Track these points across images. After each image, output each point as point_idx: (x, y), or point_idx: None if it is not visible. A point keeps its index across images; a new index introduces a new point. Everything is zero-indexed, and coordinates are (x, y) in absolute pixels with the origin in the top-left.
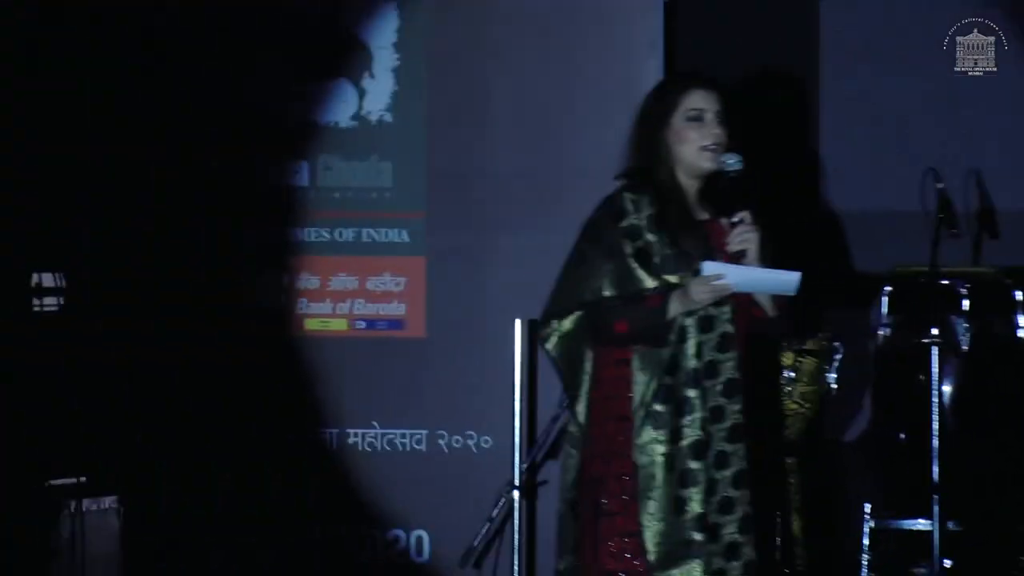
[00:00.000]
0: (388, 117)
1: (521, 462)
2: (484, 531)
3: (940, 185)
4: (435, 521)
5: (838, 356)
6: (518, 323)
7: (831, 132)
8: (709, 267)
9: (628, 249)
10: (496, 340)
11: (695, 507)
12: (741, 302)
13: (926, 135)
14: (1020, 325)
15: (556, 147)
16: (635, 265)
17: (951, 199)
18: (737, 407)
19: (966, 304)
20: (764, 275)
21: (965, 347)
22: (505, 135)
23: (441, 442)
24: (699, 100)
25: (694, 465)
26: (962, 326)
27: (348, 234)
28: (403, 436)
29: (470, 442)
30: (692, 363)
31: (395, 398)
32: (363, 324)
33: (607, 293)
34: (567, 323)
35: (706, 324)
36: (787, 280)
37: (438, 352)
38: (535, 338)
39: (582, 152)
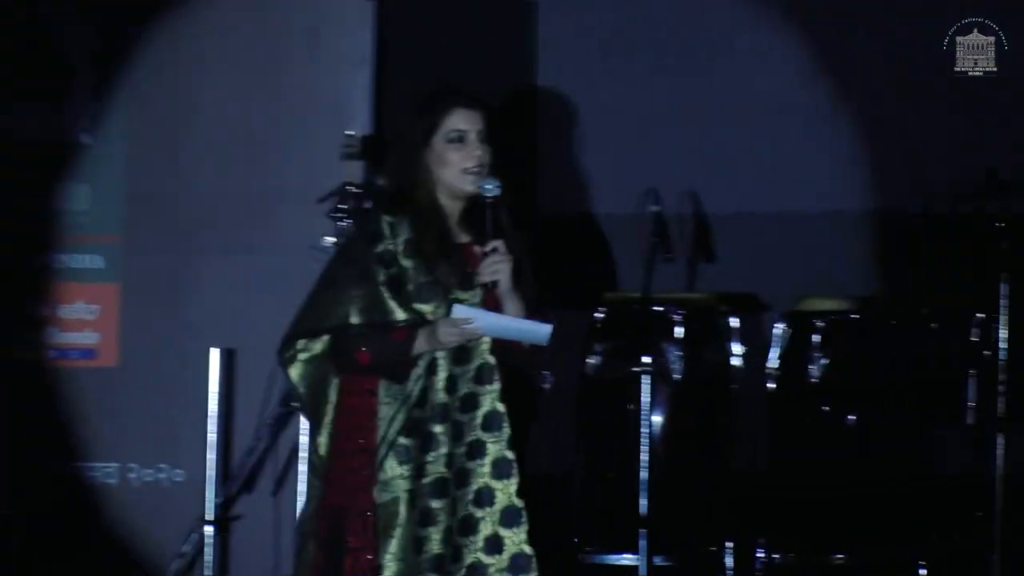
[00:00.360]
0: (85, 137)
1: (215, 496)
2: (175, 568)
3: (656, 208)
4: (126, 558)
5: (546, 385)
6: (214, 352)
7: (550, 144)
8: (459, 310)
9: (381, 276)
10: (191, 369)
11: (434, 547)
12: None
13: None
14: (734, 353)
15: (261, 167)
16: (386, 294)
17: (667, 222)
18: (500, 441)
19: (679, 331)
20: (515, 324)
21: (677, 376)
22: (208, 154)
23: (132, 475)
24: (461, 120)
25: (435, 504)
26: (674, 354)
27: (40, 260)
28: (92, 470)
29: (162, 475)
30: (441, 397)
31: (86, 430)
32: (56, 353)
33: (353, 320)
34: (315, 346)
35: (461, 356)
36: (539, 331)
37: (131, 382)
38: (231, 367)
39: (288, 172)
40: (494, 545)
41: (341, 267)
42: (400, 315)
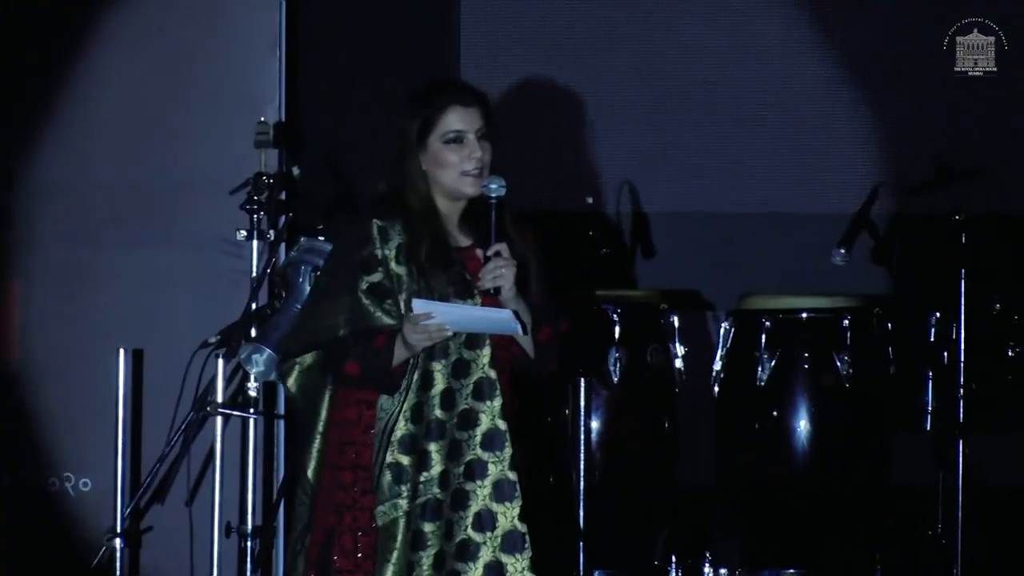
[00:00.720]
0: None
1: (124, 506)
2: None
3: (590, 200)
4: (30, 573)
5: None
6: (121, 352)
7: None
8: (417, 305)
9: (362, 284)
10: (97, 371)
11: (424, 573)
12: (502, 342)
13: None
14: (677, 354)
15: (167, 156)
16: (367, 302)
17: (605, 217)
18: (501, 462)
19: (619, 331)
20: (479, 313)
21: (616, 378)
22: (111, 143)
23: (36, 484)
24: (458, 120)
25: (427, 527)
26: (613, 355)
27: None
28: None
29: (67, 484)
30: (436, 413)
31: None
32: None
33: (343, 332)
34: (308, 357)
35: (459, 370)
36: (502, 319)
37: (31, 385)
38: (139, 368)
39: (196, 162)
40: (495, 573)
41: (329, 277)
42: (385, 321)
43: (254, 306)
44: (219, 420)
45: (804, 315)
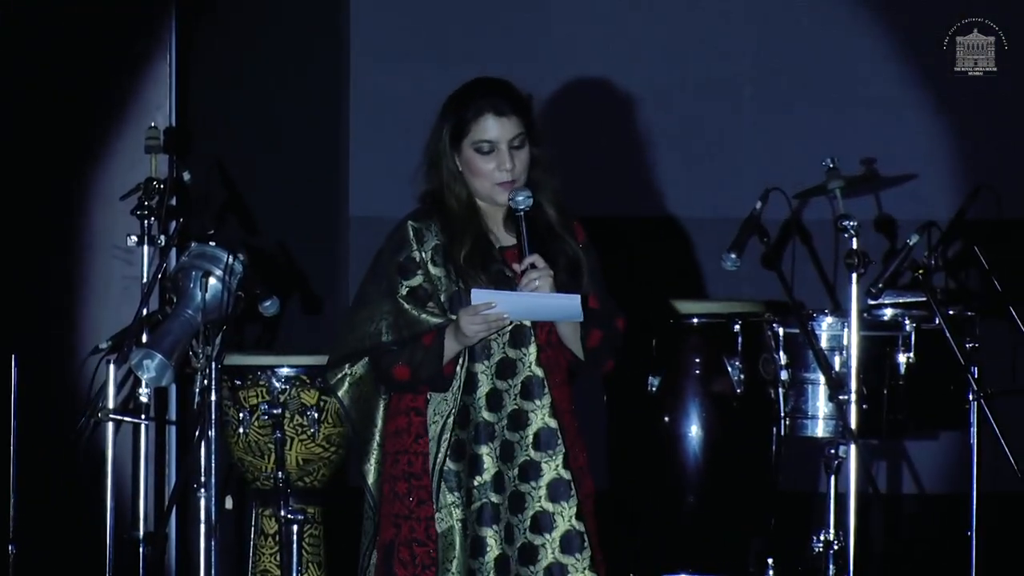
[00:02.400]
0: None
1: (16, 513)
2: None
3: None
4: None
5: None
6: (13, 359)
7: (365, 142)
8: (477, 295)
9: (402, 289)
10: None
11: None
12: (550, 341)
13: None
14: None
15: (60, 162)
16: (408, 307)
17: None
18: (554, 460)
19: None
20: (542, 300)
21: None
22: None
23: None
24: (491, 129)
25: (485, 532)
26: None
27: None
28: None
29: None
30: (484, 415)
31: None
32: None
33: (386, 338)
34: (358, 369)
35: (504, 369)
36: (568, 304)
37: None
38: (27, 375)
39: (89, 167)
40: (558, 575)
41: (370, 284)
42: (431, 322)
43: (145, 312)
44: (110, 426)
45: (695, 320)
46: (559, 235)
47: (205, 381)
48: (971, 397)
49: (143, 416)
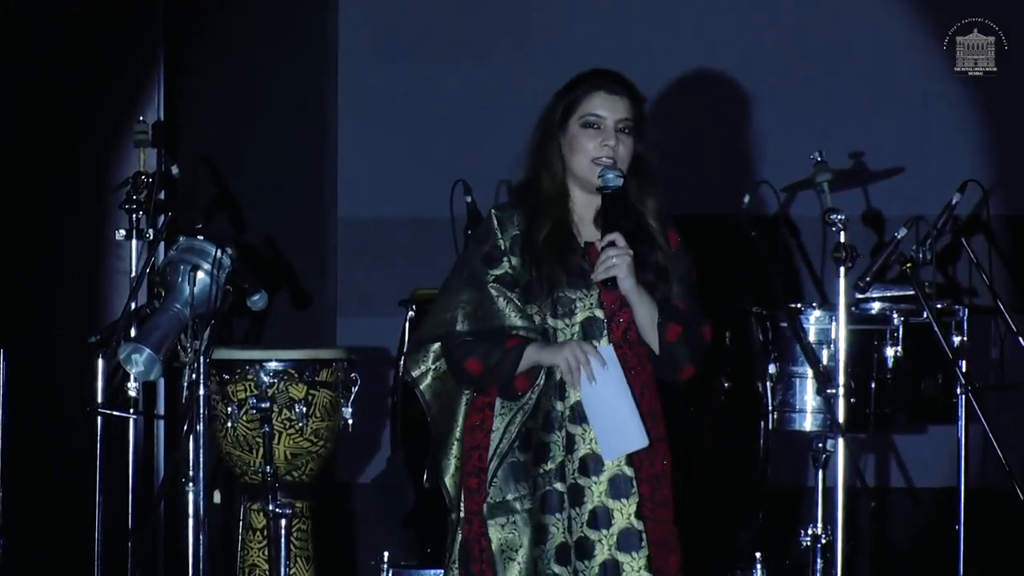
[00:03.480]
0: None
1: (3, 506)
2: None
3: (468, 200)
4: None
5: (355, 388)
6: (1, 352)
7: (352, 141)
8: (606, 351)
9: (488, 277)
10: None
11: (552, 569)
12: (627, 339)
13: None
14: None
15: (51, 156)
16: (495, 294)
17: (481, 212)
18: (619, 457)
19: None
20: (618, 408)
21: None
22: None
23: None
24: (600, 105)
25: (549, 520)
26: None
27: None
28: None
29: None
30: (554, 404)
31: None
32: None
33: (460, 328)
34: (443, 363)
35: None
36: (628, 432)
37: None
38: (16, 369)
39: (76, 160)
40: (612, 572)
41: (454, 272)
42: (513, 320)
43: (133, 306)
44: (99, 420)
45: None
46: (652, 238)
47: (193, 375)
48: (959, 391)
49: (131, 410)
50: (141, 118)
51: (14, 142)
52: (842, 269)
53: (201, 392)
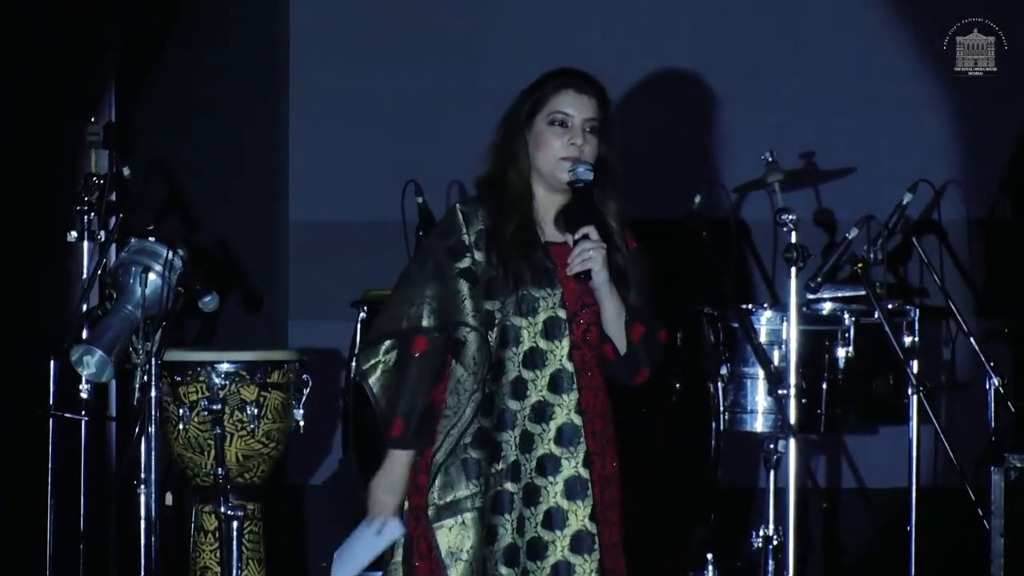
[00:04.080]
0: None
1: None
2: None
3: (420, 200)
4: None
5: (307, 390)
6: None
7: (305, 142)
8: (394, 529)
9: (453, 270)
10: None
11: (500, 571)
12: (588, 341)
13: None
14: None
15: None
16: (459, 289)
17: (432, 213)
18: (575, 457)
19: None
20: (356, 557)
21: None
22: None
23: None
24: (567, 103)
25: (498, 520)
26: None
27: None
28: None
29: None
30: (508, 403)
31: None
32: None
33: (426, 323)
34: (393, 355)
35: (533, 359)
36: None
37: None
38: None
39: (30, 163)
40: (564, 573)
41: (415, 266)
42: (468, 318)
43: (85, 307)
44: (51, 422)
45: None
46: (612, 240)
47: (145, 377)
48: (911, 391)
49: (83, 412)
50: (92, 119)
51: None
52: (793, 269)
53: (153, 394)
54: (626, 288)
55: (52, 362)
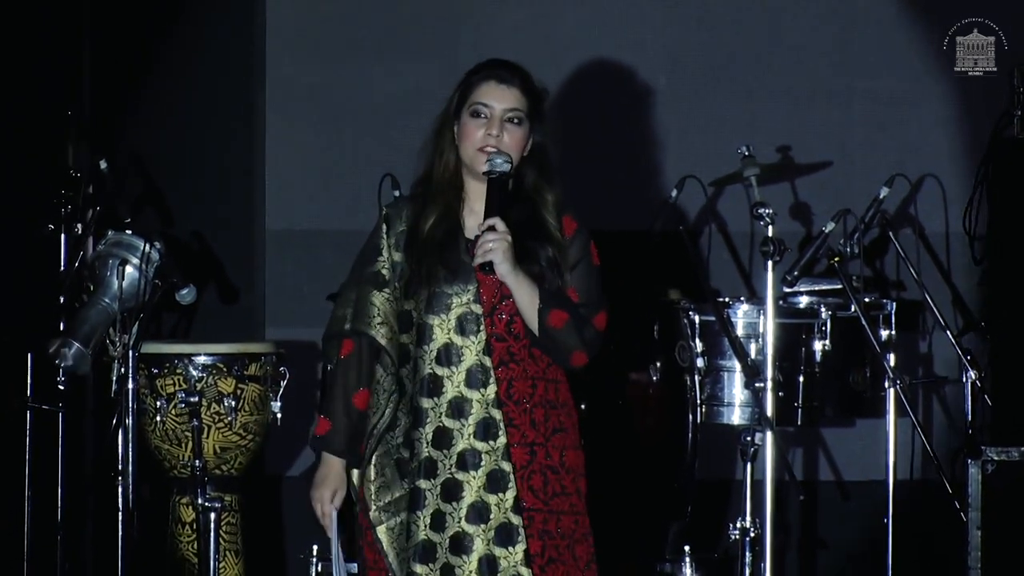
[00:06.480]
0: None
1: None
2: None
3: (397, 193)
4: None
5: (284, 382)
6: None
7: (277, 133)
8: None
9: (362, 276)
10: None
11: (414, 567)
12: (513, 333)
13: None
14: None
15: None
16: (365, 293)
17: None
18: (495, 451)
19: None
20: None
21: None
22: None
23: None
24: (488, 94)
25: (413, 517)
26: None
27: None
28: None
29: None
30: (421, 401)
31: None
32: None
33: (348, 327)
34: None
35: (446, 356)
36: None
37: None
38: None
39: (5, 157)
40: (489, 566)
41: (355, 266)
42: (375, 329)
43: (62, 300)
44: (28, 414)
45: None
46: (545, 230)
47: (122, 369)
48: (887, 384)
49: (60, 404)
50: (69, 113)
51: None
52: (770, 263)
53: (130, 386)
54: (559, 277)
55: (29, 354)
